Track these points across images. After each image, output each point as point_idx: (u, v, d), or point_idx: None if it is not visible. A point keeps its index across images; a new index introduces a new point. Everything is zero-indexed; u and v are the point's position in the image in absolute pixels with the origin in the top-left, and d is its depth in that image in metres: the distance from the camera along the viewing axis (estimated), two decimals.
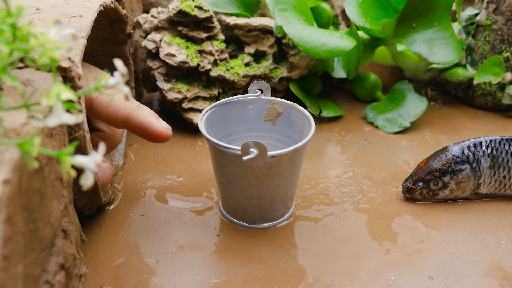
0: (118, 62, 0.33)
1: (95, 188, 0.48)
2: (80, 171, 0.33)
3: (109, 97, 0.34)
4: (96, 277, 0.45)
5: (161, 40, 0.65)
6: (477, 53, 0.73)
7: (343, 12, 0.81)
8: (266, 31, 0.69)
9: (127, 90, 0.34)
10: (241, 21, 0.68)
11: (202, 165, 0.61)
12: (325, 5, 0.76)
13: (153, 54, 0.67)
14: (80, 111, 0.42)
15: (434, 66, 0.69)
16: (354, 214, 0.54)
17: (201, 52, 0.66)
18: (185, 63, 0.64)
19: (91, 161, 0.32)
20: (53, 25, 0.32)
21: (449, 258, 0.48)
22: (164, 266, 0.47)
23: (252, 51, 0.69)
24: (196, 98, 0.67)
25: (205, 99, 0.67)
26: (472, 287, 0.45)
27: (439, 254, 0.49)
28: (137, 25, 0.69)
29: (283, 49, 0.71)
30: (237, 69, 0.68)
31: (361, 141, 0.67)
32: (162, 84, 0.65)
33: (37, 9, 0.48)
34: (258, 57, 0.70)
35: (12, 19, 0.31)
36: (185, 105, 0.66)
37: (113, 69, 0.44)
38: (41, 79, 0.38)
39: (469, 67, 0.73)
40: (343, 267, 0.47)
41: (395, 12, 0.71)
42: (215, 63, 0.67)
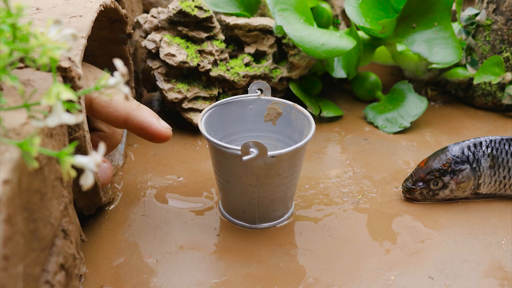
0: (118, 62, 0.33)
1: (95, 188, 0.48)
2: (80, 171, 0.33)
3: (109, 97, 0.34)
4: (96, 277, 0.45)
5: (161, 40, 0.65)
6: (477, 53, 0.73)
7: (343, 12, 0.81)
8: (266, 31, 0.69)
9: (127, 90, 0.34)
10: (241, 21, 0.68)
11: (202, 165, 0.61)
12: (325, 5, 0.76)
13: (153, 54, 0.67)
14: (80, 111, 0.42)
15: (434, 66, 0.69)
16: (354, 214, 0.54)
17: (201, 52, 0.66)
18: (185, 63, 0.64)
19: (91, 161, 0.32)
20: (53, 25, 0.32)
21: (449, 258, 0.48)
22: (164, 266, 0.47)
23: (252, 51, 0.69)
24: (196, 98, 0.67)
25: (205, 99, 0.67)
26: (472, 287, 0.45)
27: (439, 254, 0.49)
28: (137, 25, 0.69)
29: (283, 49, 0.71)
30: (237, 69, 0.68)
31: (361, 141, 0.67)
32: (162, 84, 0.65)
33: (37, 9, 0.48)
34: (258, 57, 0.70)
35: (12, 19, 0.31)
36: (185, 105, 0.66)
37: (113, 69, 0.44)
38: (41, 79, 0.38)
39: (469, 67, 0.73)
40: (343, 267, 0.47)
41: (395, 12, 0.71)
42: (215, 63, 0.67)
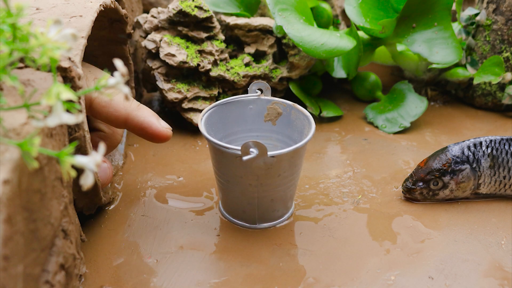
0: (118, 62, 0.33)
1: (95, 188, 0.48)
2: (80, 171, 0.33)
3: (109, 97, 0.34)
4: (96, 277, 0.45)
5: (161, 40, 0.65)
6: (477, 53, 0.73)
7: (343, 12, 0.81)
8: (266, 31, 0.69)
9: (127, 90, 0.34)
10: (241, 21, 0.68)
11: (202, 165, 0.61)
12: (325, 5, 0.76)
13: (153, 54, 0.67)
14: (80, 111, 0.42)
15: (434, 66, 0.69)
16: (354, 214, 0.54)
17: (201, 52, 0.66)
18: (185, 63, 0.64)
19: (91, 161, 0.32)
20: (53, 25, 0.32)
21: (449, 258, 0.48)
22: (164, 266, 0.47)
23: (252, 51, 0.69)
24: (196, 98, 0.67)
25: (205, 99, 0.67)
26: (472, 287, 0.45)
27: (439, 254, 0.49)
28: (137, 25, 0.69)
29: (283, 49, 0.71)
30: (237, 69, 0.68)
31: (361, 141, 0.67)
32: (162, 84, 0.65)
33: (37, 9, 0.48)
34: (258, 57, 0.70)
35: (12, 19, 0.31)
36: (185, 105, 0.66)
37: (113, 69, 0.44)
38: (41, 79, 0.38)
39: (469, 67, 0.73)
40: (343, 267, 0.47)
41: (395, 12, 0.71)
42: (215, 63, 0.67)
